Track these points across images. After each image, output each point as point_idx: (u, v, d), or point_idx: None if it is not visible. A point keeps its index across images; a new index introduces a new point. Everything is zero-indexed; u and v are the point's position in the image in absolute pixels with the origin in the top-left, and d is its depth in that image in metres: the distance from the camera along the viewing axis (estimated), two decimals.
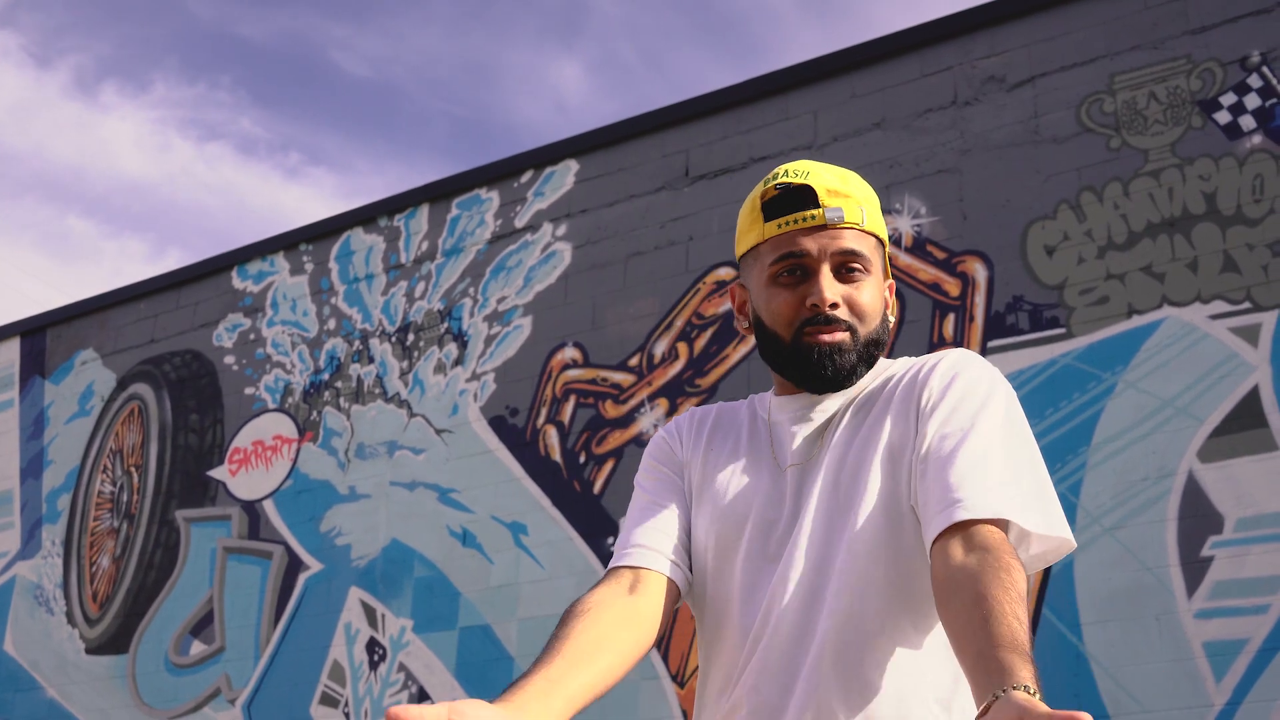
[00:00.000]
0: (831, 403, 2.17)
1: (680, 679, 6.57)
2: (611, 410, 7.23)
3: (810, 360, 2.12)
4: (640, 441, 7.06)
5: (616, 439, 7.16)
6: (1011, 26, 6.48)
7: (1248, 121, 5.76)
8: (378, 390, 8.16)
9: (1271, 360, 5.49)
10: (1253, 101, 5.76)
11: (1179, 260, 5.77)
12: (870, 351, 2.15)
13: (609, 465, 7.13)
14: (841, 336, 2.11)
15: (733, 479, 2.18)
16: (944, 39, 6.67)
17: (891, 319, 2.23)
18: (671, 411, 6.99)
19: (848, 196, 2.14)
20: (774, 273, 2.15)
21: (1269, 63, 5.79)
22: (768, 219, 2.16)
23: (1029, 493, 1.94)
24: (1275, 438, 5.41)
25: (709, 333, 6.99)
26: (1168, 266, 5.79)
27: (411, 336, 8.11)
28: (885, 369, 2.21)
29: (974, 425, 2.00)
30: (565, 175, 7.80)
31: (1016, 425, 2.05)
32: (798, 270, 2.13)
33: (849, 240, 2.13)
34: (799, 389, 2.19)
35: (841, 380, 2.13)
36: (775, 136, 7.07)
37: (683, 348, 7.08)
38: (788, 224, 2.13)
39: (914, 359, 2.20)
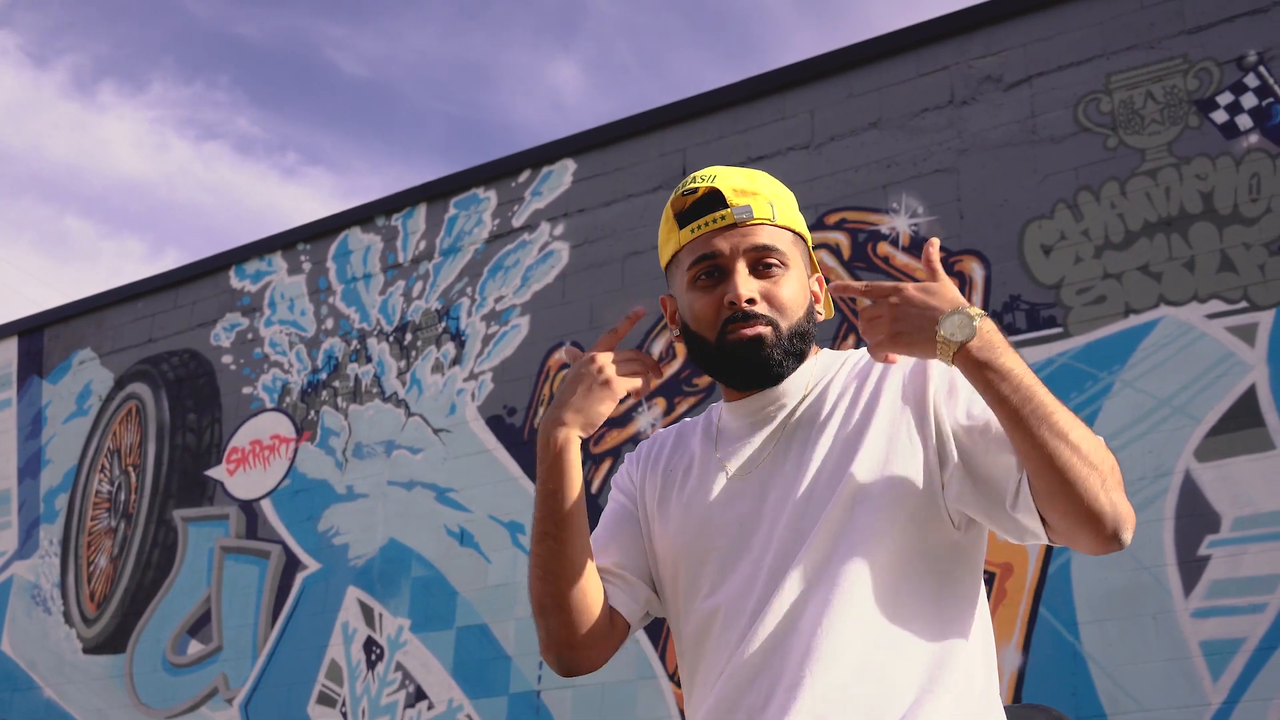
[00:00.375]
0: (783, 400, 2.18)
1: (678, 679, 6.56)
2: None
3: (735, 357, 2.13)
4: (638, 440, 7.06)
5: (613, 438, 7.16)
6: (1008, 26, 6.48)
7: (1244, 121, 5.77)
8: (375, 390, 8.16)
9: (1268, 359, 5.49)
10: (1249, 101, 5.77)
11: (1176, 259, 5.77)
12: (796, 345, 2.15)
13: (606, 465, 7.13)
14: (763, 330, 2.12)
15: (689, 494, 2.20)
16: (941, 38, 6.67)
17: (821, 312, 2.25)
18: (669, 410, 7.00)
19: (755, 194, 2.17)
20: (692, 276, 2.17)
21: (1265, 62, 5.79)
22: (681, 226, 2.20)
23: None
24: (1272, 437, 5.41)
25: None
26: (1165, 266, 5.79)
27: (409, 336, 8.11)
28: (836, 361, 2.22)
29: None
30: (563, 175, 7.80)
31: None
32: (714, 271, 2.15)
33: (761, 236, 2.15)
34: (740, 390, 2.20)
35: (768, 374, 2.14)
36: (772, 136, 7.08)
37: (680, 347, 7.05)
38: (700, 227, 2.16)
39: (865, 354, 2.19)
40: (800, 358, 2.17)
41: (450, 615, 7.41)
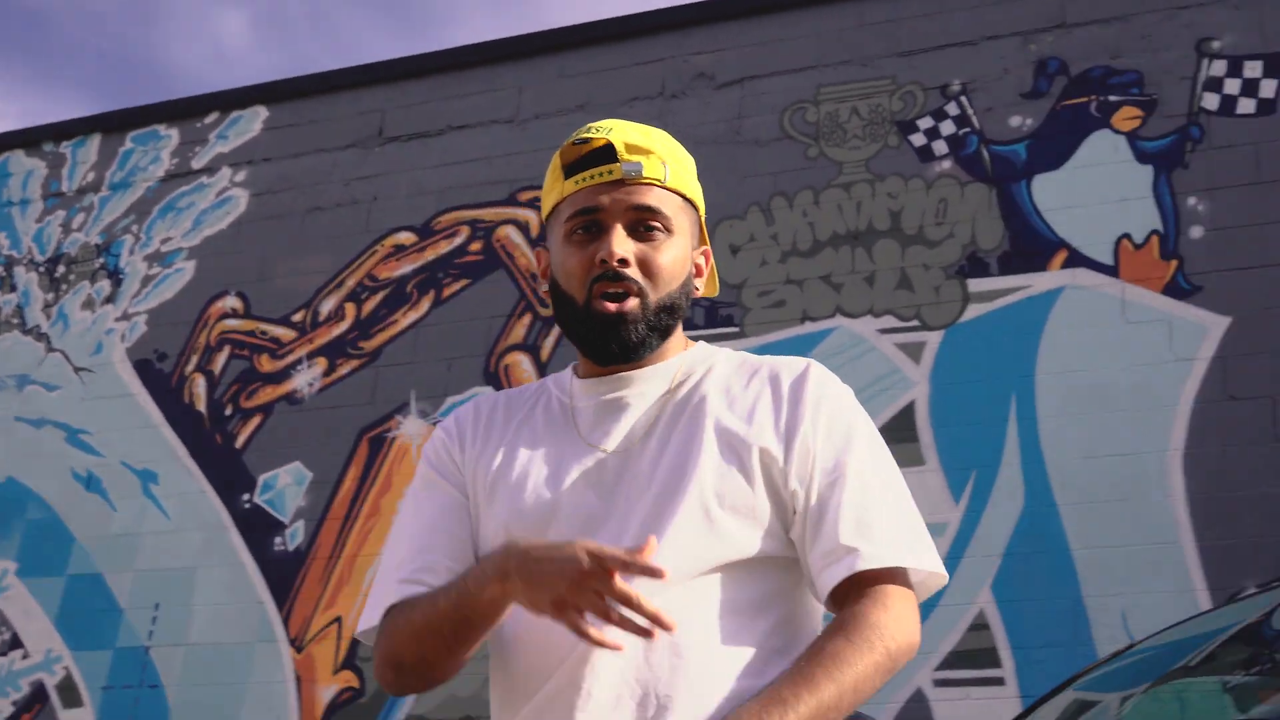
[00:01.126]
0: (648, 386, 2.05)
1: (299, 644, 6.30)
2: (266, 364, 6.96)
3: (596, 330, 2.00)
4: (293, 399, 6.81)
5: (268, 394, 6.89)
6: (728, 26, 6.56)
7: (940, 146, 5.94)
8: (15, 320, 7.69)
9: (930, 378, 5.63)
10: (948, 128, 5.94)
11: (857, 273, 5.88)
12: (662, 319, 2.02)
13: (256, 420, 6.86)
14: (630, 304, 1.99)
15: (531, 470, 2.03)
16: (658, 30, 6.71)
17: (700, 288, 2.12)
18: (330, 371, 6.77)
19: (649, 152, 2.04)
20: (568, 230, 2.04)
21: (968, 93, 5.99)
22: (567, 177, 2.06)
23: (914, 531, 1.95)
24: (923, 452, 5.54)
25: (380, 296, 6.81)
26: (846, 278, 5.90)
27: (62, 269, 7.67)
28: (708, 357, 2.10)
29: (850, 460, 1.95)
30: (253, 121, 7.53)
31: (883, 451, 2.03)
32: (592, 227, 2.02)
33: (647, 196, 2.02)
34: (598, 366, 2.07)
35: (629, 353, 2.01)
36: (477, 106, 6.98)
37: (350, 308, 6.87)
38: (584, 180, 2.03)
39: (747, 356, 2.10)
40: (665, 333, 2.04)
41: (63, 562, 7.00)
